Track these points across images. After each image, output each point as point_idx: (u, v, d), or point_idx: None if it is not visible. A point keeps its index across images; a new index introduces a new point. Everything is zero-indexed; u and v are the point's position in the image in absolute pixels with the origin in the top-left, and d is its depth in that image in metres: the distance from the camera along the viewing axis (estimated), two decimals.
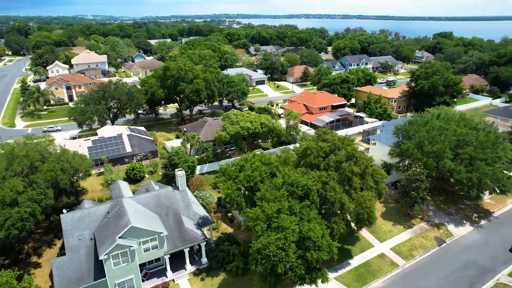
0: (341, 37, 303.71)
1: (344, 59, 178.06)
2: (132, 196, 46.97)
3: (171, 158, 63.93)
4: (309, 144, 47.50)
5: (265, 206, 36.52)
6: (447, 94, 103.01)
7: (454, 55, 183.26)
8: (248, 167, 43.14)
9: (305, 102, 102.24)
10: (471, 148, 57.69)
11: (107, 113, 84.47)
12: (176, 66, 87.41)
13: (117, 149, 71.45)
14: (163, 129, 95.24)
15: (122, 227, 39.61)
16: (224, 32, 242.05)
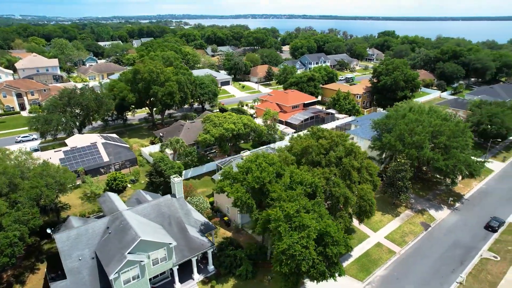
0: (294, 36, 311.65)
1: (303, 58, 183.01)
2: (131, 208, 44.00)
3: (156, 165, 61.01)
4: (309, 142, 48.12)
5: (287, 206, 36.35)
6: (407, 88, 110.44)
7: (402, 52, 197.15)
8: (255, 169, 42.55)
9: (278, 101, 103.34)
10: (444, 137, 62.53)
11: (74, 121, 78.17)
12: (147, 69, 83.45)
13: (93, 159, 66.48)
14: (135, 135, 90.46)
15: (130, 241, 37.01)
16: (179, 33, 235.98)
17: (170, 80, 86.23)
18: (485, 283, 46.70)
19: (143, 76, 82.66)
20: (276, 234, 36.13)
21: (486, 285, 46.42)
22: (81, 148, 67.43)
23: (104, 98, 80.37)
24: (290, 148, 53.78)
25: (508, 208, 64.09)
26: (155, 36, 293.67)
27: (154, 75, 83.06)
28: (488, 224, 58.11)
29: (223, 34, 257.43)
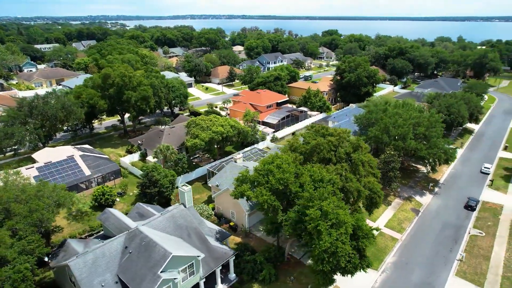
0: (243, 36, 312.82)
1: (262, 58, 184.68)
2: (146, 223, 40.71)
3: (150, 175, 57.30)
4: (319, 140, 48.77)
5: (323, 204, 36.42)
6: (370, 84, 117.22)
7: (352, 50, 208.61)
8: (276, 170, 41.99)
9: (251, 101, 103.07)
10: (423, 128, 67.63)
11: (39, 134, 70.14)
12: (117, 73, 77.80)
13: (73, 174, 60.28)
14: (106, 144, 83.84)
15: (160, 259, 34.36)
16: (127, 35, 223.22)
17: (143, 84, 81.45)
18: (479, 258, 51.46)
19: (114, 80, 76.90)
20: (314, 233, 36.01)
21: (481, 259, 51.18)
22: (57, 163, 60.75)
23: (72, 106, 73.28)
24: (292, 148, 53.97)
25: (476, 188, 71.29)
26: (98, 39, 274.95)
27: (127, 79, 77.77)
28: (467, 204, 64.06)
29: (172, 35, 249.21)
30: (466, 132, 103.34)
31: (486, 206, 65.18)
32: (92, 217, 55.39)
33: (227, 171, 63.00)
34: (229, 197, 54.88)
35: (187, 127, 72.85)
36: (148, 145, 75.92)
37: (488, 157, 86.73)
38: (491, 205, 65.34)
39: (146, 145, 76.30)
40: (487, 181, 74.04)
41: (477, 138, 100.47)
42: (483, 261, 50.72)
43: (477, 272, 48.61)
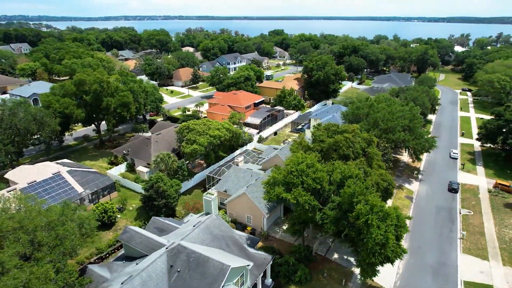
0: (191, 37, 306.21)
1: (221, 59, 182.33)
2: (184, 238, 37.99)
3: (156, 186, 53.65)
4: (337, 138, 49.80)
5: (370, 199, 37.33)
6: (336, 81, 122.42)
7: (306, 49, 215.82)
8: (309, 170, 42.03)
9: (230, 103, 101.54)
10: (407, 121, 72.61)
11: (9, 150, 61.66)
12: (94, 78, 71.36)
13: (64, 193, 53.99)
14: (83, 157, 76.40)
15: (218, 274, 32.53)
16: (69, 37, 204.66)
17: (120, 89, 75.71)
18: (476, 234, 56.87)
19: (91, 87, 70.38)
20: (364, 227, 36.74)
21: (478, 235, 56.60)
22: (44, 182, 53.95)
23: (45, 117, 65.61)
24: (304, 146, 54.44)
25: (452, 172, 78.54)
26: (30, 42, 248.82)
27: (105, 85, 71.71)
28: (451, 187, 70.28)
29: (120, 37, 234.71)
30: (427, 122, 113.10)
31: (465, 187, 72.14)
32: (95, 238, 50.17)
33: (231, 175, 61.46)
34: (244, 201, 53.73)
35: (179, 132, 69.51)
36: (136, 154, 70.94)
37: (452, 143, 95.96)
38: (469, 186, 72.49)
39: (133, 154, 71.18)
40: (458, 165, 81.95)
41: (437, 127, 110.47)
42: (480, 237, 56.16)
43: (479, 247, 53.69)
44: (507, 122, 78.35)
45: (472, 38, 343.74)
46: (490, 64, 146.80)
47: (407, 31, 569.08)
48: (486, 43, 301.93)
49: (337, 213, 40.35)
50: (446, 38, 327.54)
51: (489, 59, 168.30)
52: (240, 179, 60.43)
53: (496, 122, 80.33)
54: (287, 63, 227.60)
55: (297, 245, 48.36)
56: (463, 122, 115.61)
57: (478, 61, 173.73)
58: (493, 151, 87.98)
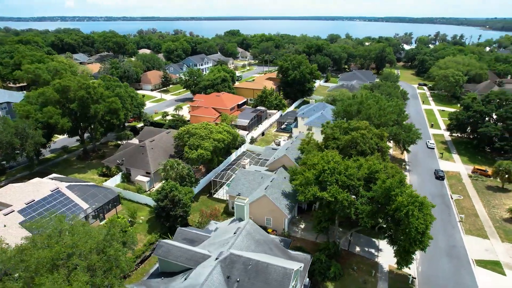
0: (147, 39, 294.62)
1: (188, 60, 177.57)
2: (229, 245, 36.69)
3: (171, 195, 51.16)
4: (354, 135, 51.32)
5: (407, 191, 39.08)
6: (311, 80, 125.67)
7: (269, 49, 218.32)
8: (340, 167, 42.90)
9: (214, 105, 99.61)
10: (395, 115, 76.94)
11: None
12: (79, 84, 65.99)
13: (68, 211, 49.28)
14: (69, 170, 70.16)
15: (283, 278, 32.19)
16: (13, 39, 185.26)
17: (105, 95, 70.72)
18: (471, 216, 62.02)
19: (77, 94, 64.95)
20: (405, 218, 38.31)
21: (473, 217, 61.75)
22: (43, 200, 48.82)
23: (27, 129, 59.38)
24: (318, 144, 55.44)
25: (433, 161, 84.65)
26: None
27: (92, 91, 66.64)
28: (438, 175, 75.80)
29: (72, 39, 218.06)
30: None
31: (449, 174, 78.23)
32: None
33: (241, 178, 60.55)
34: (264, 204, 53.24)
35: (178, 138, 66.88)
36: (131, 164, 66.88)
37: (425, 134, 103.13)
38: (452, 173, 78.75)
39: (128, 164, 67.01)
40: (437, 154, 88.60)
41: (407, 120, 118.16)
42: (476, 218, 61.35)
43: (477, 228, 58.66)
44: (476, 113, 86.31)
45: (414, 37, 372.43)
46: (442, 60, 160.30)
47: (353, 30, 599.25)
48: (427, 41, 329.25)
49: (373, 207, 41.70)
50: (390, 36, 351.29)
51: (438, 56, 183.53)
52: (250, 181, 59.75)
53: (467, 113, 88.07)
54: (252, 63, 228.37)
55: (325, 242, 49.05)
56: (428, 114, 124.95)
57: (429, 57, 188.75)
58: (462, 140, 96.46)
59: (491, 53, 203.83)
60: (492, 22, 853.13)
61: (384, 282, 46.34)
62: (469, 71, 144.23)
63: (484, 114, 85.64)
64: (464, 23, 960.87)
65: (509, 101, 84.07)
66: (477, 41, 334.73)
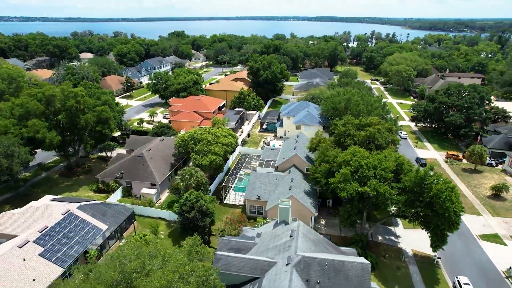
0: (87, 41, 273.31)
1: (145, 64, 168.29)
2: (295, 249, 36.28)
3: (198, 205, 48.82)
4: (371, 131, 53.83)
5: (442, 178, 42.35)
6: (282, 79, 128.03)
7: (224, 50, 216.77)
8: (376, 163, 44.92)
9: (195, 109, 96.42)
10: (379, 109, 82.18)
11: None
12: (66, 93, 59.53)
13: (88, 234, 44.37)
14: (55, 190, 62.68)
15: (363, 273, 33.25)
16: None
17: (90, 104, 64.63)
18: (460, 197, 68.76)
19: (66, 103, 58.46)
20: (443, 204, 41.42)
21: (462, 197, 67.59)
22: (58, 226, 43.25)
23: (12, 146, 52.06)
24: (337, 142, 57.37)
25: (410, 150, 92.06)
26: None
27: (81, 100, 60.55)
28: (420, 163, 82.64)
29: (2, 43, 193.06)
30: None
31: (428, 161, 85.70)
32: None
33: (255, 181, 59.92)
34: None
35: (181, 145, 63.84)
36: (132, 176, 62.20)
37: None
38: (430, 160, 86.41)
39: (128, 177, 62.19)
40: (411, 144, 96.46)
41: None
42: (464, 198, 68.03)
43: (469, 207, 65.32)
44: (441, 104, 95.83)
45: (352, 35, 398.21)
46: (391, 57, 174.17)
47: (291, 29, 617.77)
48: (364, 39, 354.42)
49: (409, 196, 44.39)
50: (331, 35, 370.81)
51: (385, 53, 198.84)
52: (266, 183, 59.46)
53: (433, 104, 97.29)
54: (209, 65, 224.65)
55: (356, 235, 50.78)
56: (389, 107, 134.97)
57: (377, 54, 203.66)
58: (427, 129, 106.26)
59: (428, 50, 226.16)
60: (411, 22, 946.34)
61: (414, 265, 49.61)
62: (417, 66, 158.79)
63: (447, 105, 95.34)
64: (387, 22, 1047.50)
65: (467, 92, 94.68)
66: (405, 39, 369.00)
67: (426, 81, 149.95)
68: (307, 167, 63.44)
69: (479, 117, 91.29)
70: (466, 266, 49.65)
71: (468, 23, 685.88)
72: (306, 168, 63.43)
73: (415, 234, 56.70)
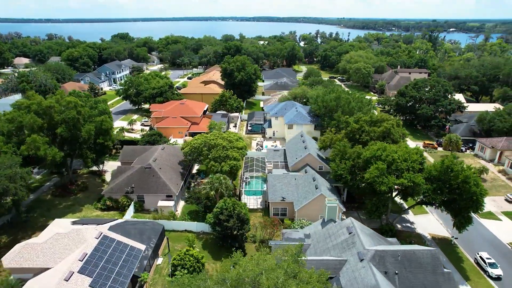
0: (20, 45, 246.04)
1: (103, 68, 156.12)
2: (362, 244, 37.34)
3: (236, 213, 47.67)
4: (386, 126, 57.04)
5: (466, 165, 46.81)
6: (256, 80, 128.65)
7: (181, 52, 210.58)
8: (406, 155, 47.99)
9: (182, 114, 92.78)
10: (366, 105, 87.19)
11: None
12: (64, 103, 53.80)
13: (130, 256, 40.83)
14: (56, 213, 56.17)
15: (432, 259, 36.04)
16: None
17: (86, 113, 59.19)
18: None
19: (67, 115, 52.74)
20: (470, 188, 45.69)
21: None
22: (98, 251, 39.16)
23: (14, 168, 45.90)
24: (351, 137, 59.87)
25: None
26: None
27: (82, 110, 55.21)
28: None
29: None
30: None
31: None
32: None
33: (275, 184, 60.00)
34: (317, 203, 54.14)
35: (194, 152, 61.44)
36: (144, 189, 58.33)
37: None
38: None
39: (139, 190, 58.19)
40: None
41: None
42: None
43: None
44: (412, 98, 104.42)
45: (297, 35, 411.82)
46: (348, 55, 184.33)
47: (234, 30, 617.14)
48: (310, 39, 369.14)
49: (438, 184, 48.12)
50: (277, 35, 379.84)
51: (339, 52, 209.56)
52: (286, 184, 59.87)
53: (405, 98, 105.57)
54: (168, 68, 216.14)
55: (385, 225, 53.55)
56: None
57: (331, 53, 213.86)
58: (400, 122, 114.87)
59: (377, 49, 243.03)
60: (344, 22, 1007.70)
61: (436, 247, 53.84)
62: (374, 63, 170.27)
63: (417, 99, 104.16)
64: (322, 22, 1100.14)
65: (433, 86, 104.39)
66: (347, 37, 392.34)
67: (384, 77, 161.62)
68: (319, 165, 65.16)
69: (445, 109, 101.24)
70: (478, 242, 55.12)
71: (395, 23, 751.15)
72: (319, 166, 65.13)
73: (424, 219, 61.67)
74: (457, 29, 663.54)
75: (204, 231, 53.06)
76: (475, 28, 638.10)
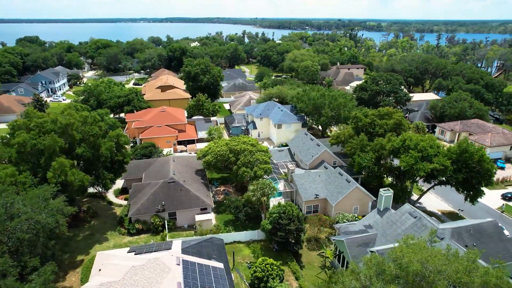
0: None
1: (38, 77, 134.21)
2: (435, 225, 41.28)
3: (294, 215, 48.06)
4: (397, 118, 62.79)
5: (477, 145, 54.64)
6: (220, 81, 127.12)
7: (117, 57, 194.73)
8: (431, 142, 54.17)
9: (167, 122, 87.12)
10: (349, 101, 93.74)
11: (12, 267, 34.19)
12: (84, 119, 47.25)
13: (219, 278, 38.35)
14: (76, 246, 48.71)
15: (495, 228, 41.28)
16: None
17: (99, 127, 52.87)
18: None
19: (90, 132, 46.28)
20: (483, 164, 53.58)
21: None
22: (188, 278, 35.87)
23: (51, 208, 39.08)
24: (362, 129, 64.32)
25: None
26: None
27: (102, 125, 49.09)
28: None
29: None
30: None
31: None
32: None
33: (303, 183, 61.42)
34: (354, 195, 57.20)
35: (220, 159, 59.30)
36: (174, 205, 54.36)
37: None
38: None
39: (170, 207, 54.07)
40: None
41: None
42: None
43: None
44: (373, 91, 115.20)
45: (224, 35, 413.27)
46: (291, 54, 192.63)
47: (150, 32, 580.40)
48: (237, 39, 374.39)
49: (458, 165, 55.19)
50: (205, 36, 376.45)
51: (279, 51, 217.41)
52: (314, 182, 61.74)
53: (367, 92, 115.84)
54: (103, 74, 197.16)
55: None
56: None
57: (272, 53, 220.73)
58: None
59: (313, 47, 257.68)
60: (259, 22, 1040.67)
61: (449, 219, 61.60)
62: (319, 61, 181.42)
63: (377, 92, 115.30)
64: (237, 22, 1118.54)
65: (390, 80, 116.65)
66: (272, 37, 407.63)
67: (329, 74, 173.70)
68: (334, 160, 68.55)
69: (402, 99, 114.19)
70: (476, 211, 64.60)
71: (307, 22, 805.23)
72: (333, 162, 68.50)
73: (424, 198, 69.37)
74: (360, 27, 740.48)
75: (253, 239, 52.00)
76: (375, 27, 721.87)
